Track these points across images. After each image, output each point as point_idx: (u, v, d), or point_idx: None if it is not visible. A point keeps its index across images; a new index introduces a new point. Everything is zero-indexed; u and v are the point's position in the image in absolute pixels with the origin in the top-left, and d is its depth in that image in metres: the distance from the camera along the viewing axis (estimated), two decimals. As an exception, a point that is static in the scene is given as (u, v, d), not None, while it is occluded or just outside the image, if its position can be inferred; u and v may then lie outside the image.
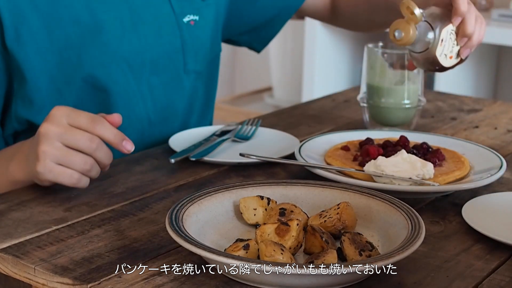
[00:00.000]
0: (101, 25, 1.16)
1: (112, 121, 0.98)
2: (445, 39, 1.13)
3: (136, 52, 1.20)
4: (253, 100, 3.27)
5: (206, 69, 1.33)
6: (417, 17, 1.10)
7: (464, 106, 1.53)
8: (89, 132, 0.96)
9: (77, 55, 1.15)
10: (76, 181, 0.96)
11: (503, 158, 1.10)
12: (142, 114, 1.24)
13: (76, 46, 1.15)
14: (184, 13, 1.26)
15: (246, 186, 0.93)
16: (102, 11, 1.17)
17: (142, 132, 1.24)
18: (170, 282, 0.78)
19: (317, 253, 0.81)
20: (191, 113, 1.33)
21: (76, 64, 1.16)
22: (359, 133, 1.22)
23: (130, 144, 0.98)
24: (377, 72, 1.28)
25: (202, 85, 1.33)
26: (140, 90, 1.23)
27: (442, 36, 1.12)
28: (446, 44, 1.13)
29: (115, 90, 1.19)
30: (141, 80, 1.22)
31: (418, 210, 0.96)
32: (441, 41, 1.12)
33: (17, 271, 0.83)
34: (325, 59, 2.76)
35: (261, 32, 1.46)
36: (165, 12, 1.24)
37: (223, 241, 0.86)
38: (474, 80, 2.67)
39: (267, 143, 1.23)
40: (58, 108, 0.97)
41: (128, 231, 0.90)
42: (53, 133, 0.95)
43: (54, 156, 0.95)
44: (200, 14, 1.28)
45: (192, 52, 1.27)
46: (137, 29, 1.20)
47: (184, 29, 1.26)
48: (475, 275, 0.81)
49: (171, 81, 1.27)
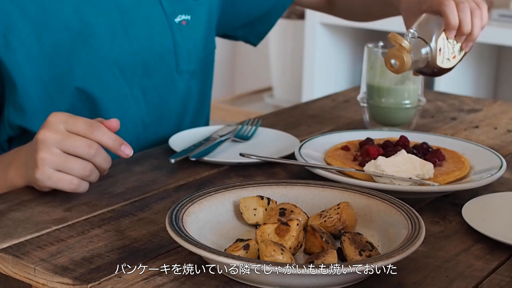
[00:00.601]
0: (91, 30, 1.16)
1: (110, 126, 0.98)
2: (443, 46, 1.11)
3: (127, 55, 1.19)
4: (253, 100, 3.27)
5: (199, 68, 1.32)
6: (406, 48, 1.08)
7: (464, 106, 1.53)
8: (87, 138, 0.96)
9: (68, 60, 1.15)
10: (75, 187, 0.97)
11: (503, 158, 1.10)
12: (136, 117, 1.23)
13: (66, 51, 1.14)
14: (176, 13, 1.25)
15: (246, 186, 0.93)
16: (91, 15, 1.16)
17: (137, 135, 1.23)
18: (170, 282, 0.78)
19: (317, 253, 0.81)
20: (186, 113, 1.32)
21: (67, 70, 1.15)
22: (359, 133, 1.22)
23: (129, 149, 0.98)
24: (377, 72, 1.28)
25: (196, 84, 1.32)
26: (133, 93, 1.22)
27: (439, 46, 1.10)
28: (445, 49, 1.12)
29: (107, 94, 1.18)
30: (133, 83, 1.22)
31: (418, 210, 0.96)
32: (439, 51, 1.11)
33: (17, 271, 0.83)
34: (325, 59, 2.76)
35: (257, 26, 1.45)
36: (156, 14, 1.23)
37: (223, 241, 0.86)
38: (474, 80, 2.67)
39: (267, 143, 1.23)
40: (55, 115, 0.97)
41: (128, 231, 0.90)
42: (51, 140, 0.95)
43: (53, 163, 0.95)
44: (192, 13, 1.27)
45: (184, 52, 1.26)
46: (128, 32, 1.19)
47: (175, 29, 1.25)
48: (475, 275, 0.81)
49: (164, 83, 1.26)
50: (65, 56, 1.14)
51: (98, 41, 1.16)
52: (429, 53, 1.10)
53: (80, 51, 1.15)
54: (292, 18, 3.03)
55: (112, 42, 1.18)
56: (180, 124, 1.31)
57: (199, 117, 1.37)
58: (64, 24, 1.14)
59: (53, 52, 1.14)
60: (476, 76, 2.68)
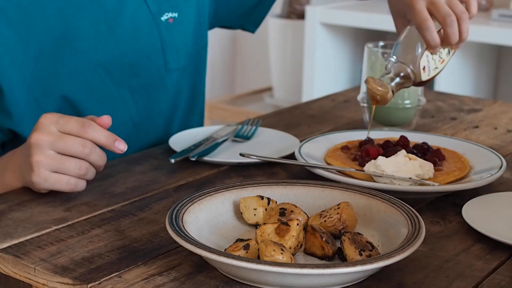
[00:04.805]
0: (75, 32, 1.15)
1: (102, 123, 0.98)
2: (427, 63, 1.10)
3: (113, 56, 1.19)
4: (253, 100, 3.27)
5: (190, 64, 1.31)
6: (383, 91, 1.09)
7: (464, 106, 1.53)
8: (81, 137, 0.96)
9: (53, 64, 1.14)
10: (73, 187, 0.97)
11: (503, 158, 1.10)
12: (126, 118, 1.23)
13: (51, 55, 1.14)
14: (162, 11, 1.24)
15: (246, 186, 0.93)
16: (75, 18, 1.15)
17: (128, 135, 1.22)
18: (170, 282, 0.78)
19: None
20: (176, 110, 1.31)
21: (52, 73, 1.14)
22: (359, 133, 1.22)
23: (123, 144, 0.98)
24: (377, 72, 1.28)
25: (187, 81, 1.31)
26: (121, 93, 1.21)
27: (422, 65, 1.10)
28: (430, 64, 1.11)
29: (94, 96, 1.18)
30: (121, 84, 1.21)
31: (418, 210, 0.96)
32: (423, 69, 1.10)
33: (17, 271, 0.83)
34: (325, 59, 2.76)
35: (252, 14, 1.44)
36: (141, 13, 1.22)
37: (223, 241, 0.86)
38: (474, 80, 2.67)
39: (267, 143, 1.23)
40: (46, 116, 0.97)
41: (128, 231, 0.90)
42: (44, 142, 0.95)
43: (48, 165, 0.95)
44: (179, 10, 1.26)
45: (173, 50, 1.26)
46: (113, 33, 1.18)
47: (162, 28, 1.24)
48: (475, 275, 0.81)
49: (152, 81, 1.25)
50: (50, 60, 1.14)
51: (83, 43, 1.16)
52: (412, 76, 1.11)
53: (64, 54, 1.15)
54: (292, 18, 3.03)
55: (97, 44, 1.17)
56: (171, 122, 1.31)
57: (192, 114, 1.35)
58: (48, 28, 1.13)
59: (37, 56, 1.13)
60: (476, 76, 2.68)
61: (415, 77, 1.11)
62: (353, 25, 2.66)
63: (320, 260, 0.83)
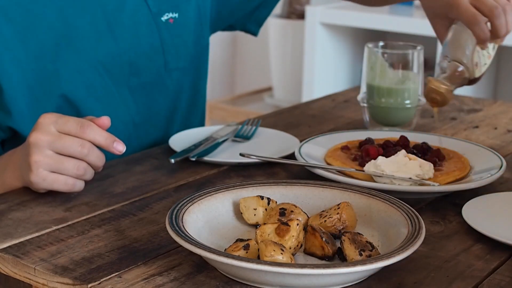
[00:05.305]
0: (75, 31, 1.15)
1: (101, 124, 0.98)
2: (479, 59, 1.11)
3: (113, 55, 1.19)
4: (253, 100, 3.27)
5: (191, 65, 1.31)
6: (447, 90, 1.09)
7: (464, 106, 1.53)
8: (79, 137, 0.96)
9: (53, 63, 1.14)
10: (71, 187, 0.97)
11: (503, 158, 1.10)
12: (126, 117, 1.23)
13: (51, 54, 1.14)
14: (162, 11, 1.24)
15: (246, 186, 0.93)
16: (75, 17, 1.15)
17: (128, 135, 1.23)
18: (170, 282, 0.78)
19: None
20: (177, 110, 1.31)
21: (52, 72, 1.14)
22: (359, 133, 1.22)
23: (122, 145, 0.98)
24: (377, 72, 1.28)
25: (188, 81, 1.31)
26: (120, 93, 1.21)
27: (475, 61, 1.11)
28: (481, 59, 1.12)
29: (94, 95, 1.18)
30: (121, 83, 1.21)
31: (418, 210, 0.96)
32: (476, 65, 1.11)
33: (17, 271, 0.83)
34: (325, 59, 2.76)
35: (255, 13, 1.43)
36: (142, 13, 1.22)
37: (223, 241, 0.86)
38: (474, 80, 2.66)
39: (267, 143, 1.23)
40: (45, 116, 0.97)
41: (128, 231, 0.90)
42: (43, 142, 0.95)
43: (46, 165, 0.95)
44: (180, 11, 1.26)
45: (173, 50, 1.26)
46: (113, 32, 1.18)
47: (162, 28, 1.24)
48: (475, 275, 0.81)
49: (152, 81, 1.25)
50: (50, 59, 1.14)
51: (83, 42, 1.16)
52: (466, 74, 1.12)
53: (65, 53, 1.15)
54: (292, 18, 3.03)
55: (97, 43, 1.17)
56: (171, 122, 1.31)
57: (192, 114, 1.35)
58: (48, 27, 1.13)
59: (38, 54, 1.13)
60: (476, 76, 2.67)
61: (469, 74, 1.11)
62: (353, 25, 2.66)
63: (320, 260, 0.83)
